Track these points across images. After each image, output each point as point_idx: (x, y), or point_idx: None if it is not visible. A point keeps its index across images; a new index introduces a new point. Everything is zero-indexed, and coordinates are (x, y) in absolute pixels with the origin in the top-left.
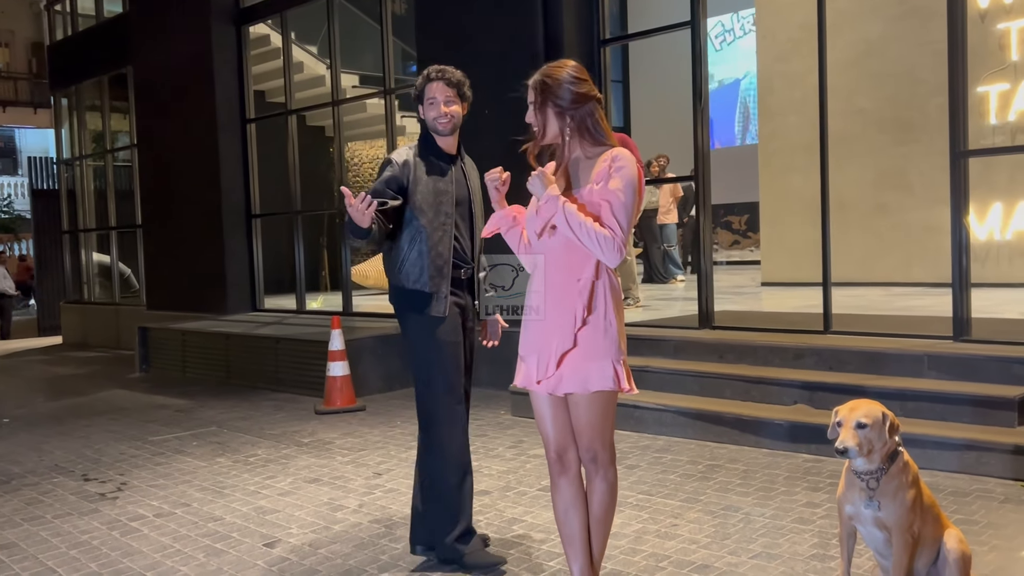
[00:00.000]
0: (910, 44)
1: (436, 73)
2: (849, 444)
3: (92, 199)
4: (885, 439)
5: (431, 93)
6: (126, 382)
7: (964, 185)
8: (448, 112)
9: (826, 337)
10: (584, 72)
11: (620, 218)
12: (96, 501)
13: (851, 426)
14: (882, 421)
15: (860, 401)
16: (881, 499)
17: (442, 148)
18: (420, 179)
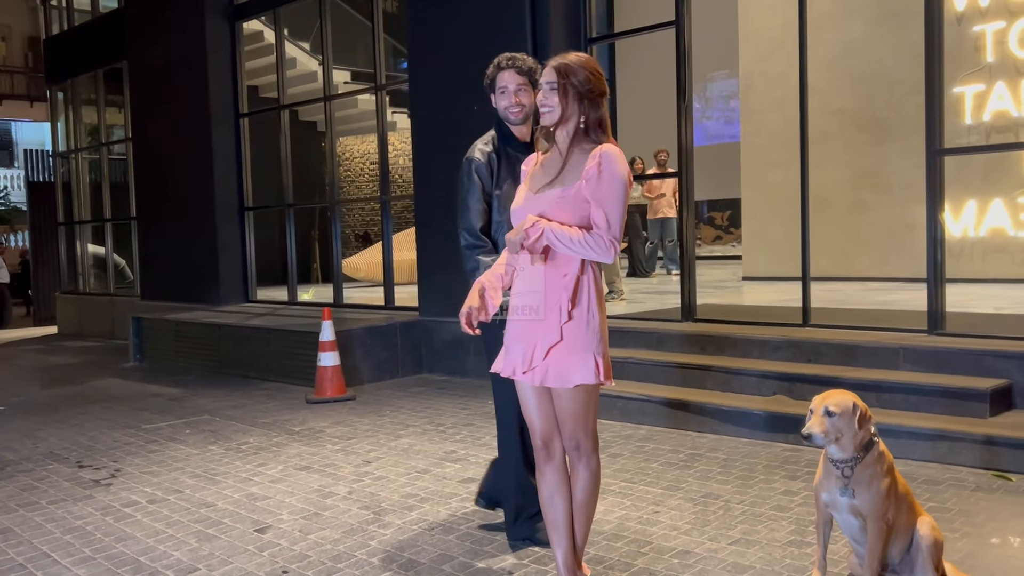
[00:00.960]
0: (888, 45)
1: (507, 61)
2: (814, 431)
3: (87, 192)
4: (855, 429)
5: (502, 82)
6: (120, 371)
7: (940, 183)
8: (519, 101)
9: (804, 330)
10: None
11: (611, 215)
12: (90, 487)
13: (820, 413)
14: (852, 411)
15: (835, 391)
16: (856, 487)
17: (517, 138)
18: (502, 175)
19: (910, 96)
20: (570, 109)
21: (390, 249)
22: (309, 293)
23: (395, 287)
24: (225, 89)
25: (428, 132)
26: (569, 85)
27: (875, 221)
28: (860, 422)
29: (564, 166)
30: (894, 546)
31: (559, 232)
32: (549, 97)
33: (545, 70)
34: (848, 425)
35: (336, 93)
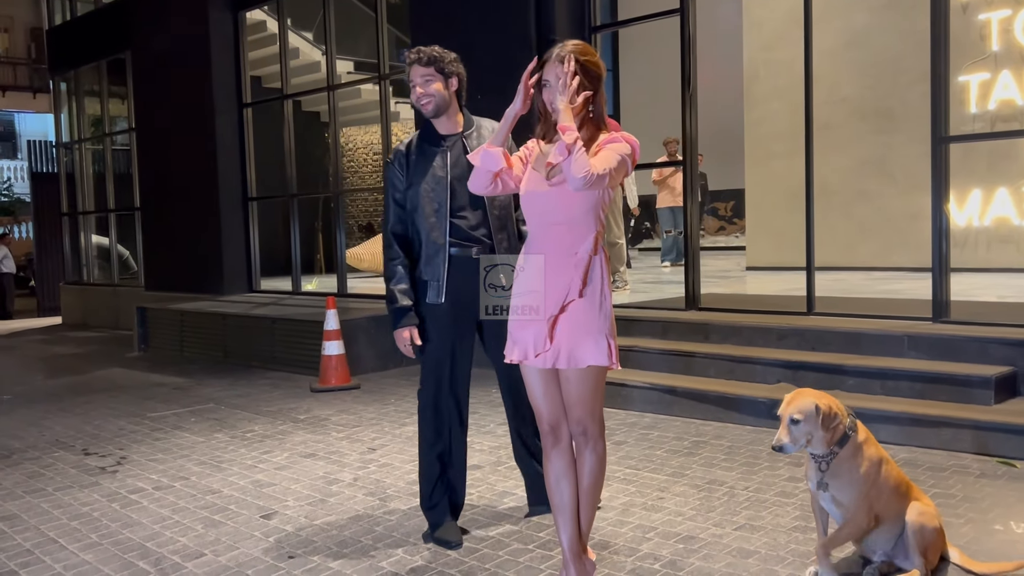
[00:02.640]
0: (893, 34)
1: (412, 56)
2: (783, 441)
3: (91, 182)
4: (821, 430)
5: (410, 77)
6: (125, 361)
7: (945, 171)
8: (425, 92)
9: (809, 318)
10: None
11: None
12: (96, 474)
13: (785, 423)
14: (815, 413)
15: (797, 394)
16: (832, 480)
17: (438, 130)
18: (415, 171)
19: (915, 85)
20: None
21: None
22: (313, 283)
23: None
24: (228, 79)
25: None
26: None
27: (879, 210)
28: (824, 423)
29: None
30: (885, 533)
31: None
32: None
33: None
34: (815, 428)
35: (339, 83)
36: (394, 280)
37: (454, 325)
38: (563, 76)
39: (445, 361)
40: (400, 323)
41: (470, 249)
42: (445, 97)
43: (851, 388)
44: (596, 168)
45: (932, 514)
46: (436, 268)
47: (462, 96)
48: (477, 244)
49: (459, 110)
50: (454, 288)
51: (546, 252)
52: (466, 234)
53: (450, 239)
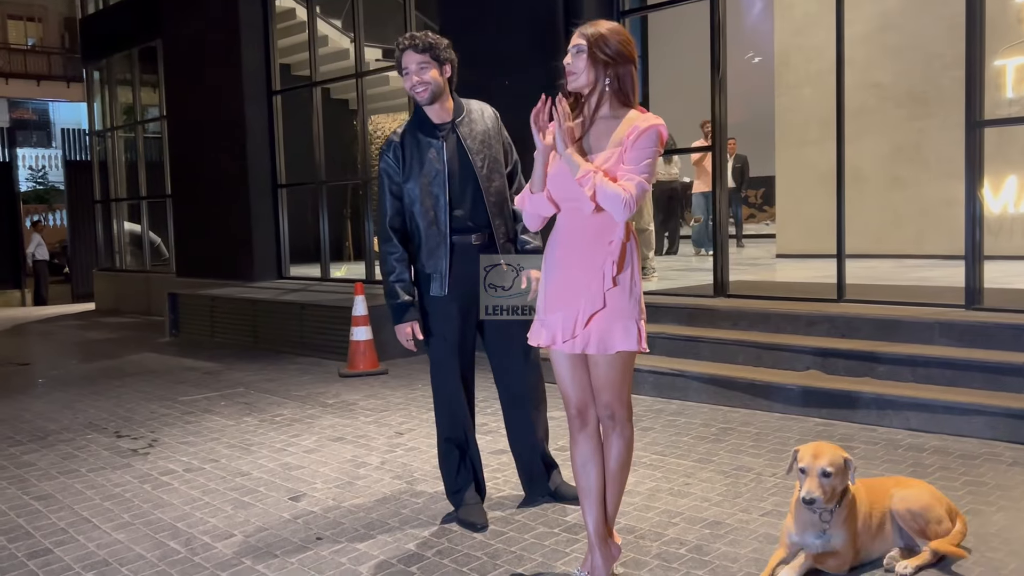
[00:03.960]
0: (927, 18)
1: (405, 42)
2: (815, 495)
3: (123, 170)
4: (848, 483)
5: (404, 64)
6: (156, 346)
7: (979, 156)
8: (421, 80)
9: (839, 305)
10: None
11: (640, 178)
12: (128, 456)
13: (816, 475)
14: (844, 467)
15: (821, 446)
16: (832, 531)
17: (431, 119)
18: (410, 163)
19: (948, 70)
20: (596, 75)
21: None
22: (342, 270)
23: None
24: (258, 67)
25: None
26: (598, 51)
27: (912, 197)
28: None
29: (588, 132)
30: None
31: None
32: (576, 61)
33: (574, 36)
34: (842, 481)
35: (368, 70)
36: (394, 275)
37: (459, 315)
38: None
39: (453, 352)
40: (403, 318)
41: (469, 237)
42: (440, 84)
43: (882, 375)
44: (630, 190)
45: (915, 496)
46: (438, 261)
47: (453, 82)
48: (475, 232)
49: (450, 96)
50: (456, 279)
51: (578, 240)
52: (464, 224)
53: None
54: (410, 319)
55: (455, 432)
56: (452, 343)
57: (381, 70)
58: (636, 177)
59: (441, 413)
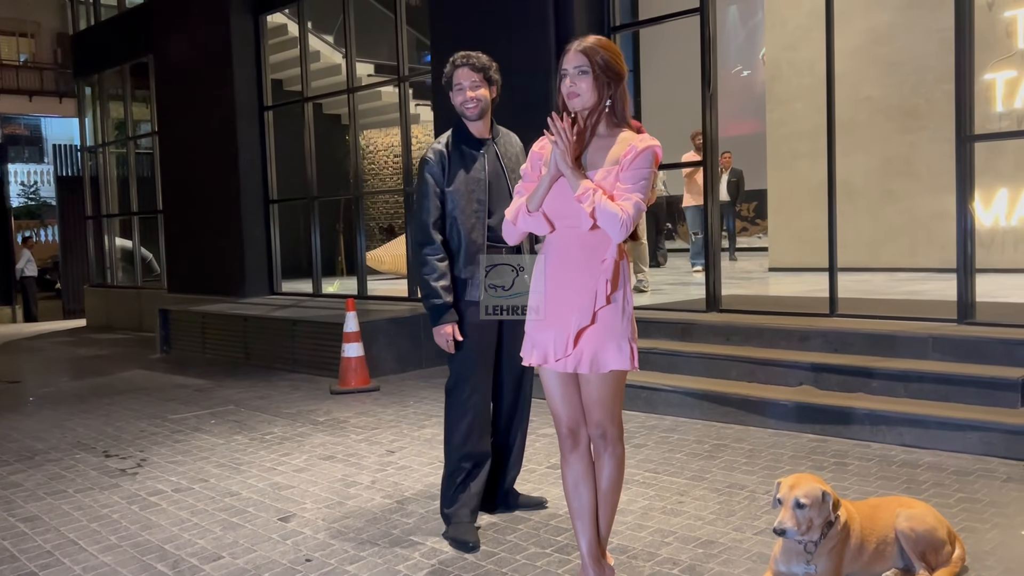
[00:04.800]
0: (918, 32)
1: (461, 59)
2: (787, 525)
3: (115, 185)
4: (827, 514)
5: (458, 79)
6: (147, 363)
7: (970, 170)
8: (474, 96)
9: (832, 320)
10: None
11: (637, 198)
12: (116, 476)
13: (790, 506)
14: (821, 499)
15: (800, 478)
16: (817, 561)
17: (473, 133)
18: (455, 171)
19: (940, 83)
20: (600, 95)
21: None
22: (334, 286)
23: None
24: (249, 82)
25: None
26: (601, 72)
27: (904, 211)
28: (833, 508)
29: (587, 150)
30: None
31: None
32: (579, 82)
33: (570, 55)
34: (819, 513)
35: (359, 86)
36: (435, 276)
37: (490, 323)
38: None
39: (479, 359)
40: (443, 319)
41: (500, 248)
42: (487, 102)
43: (875, 391)
44: (628, 210)
45: (920, 516)
46: (478, 267)
47: (495, 103)
48: (505, 244)
49: (491, 115)
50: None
51: (572, 257)
52: (497, 235)
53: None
54: (450, 320)
55: (478, 447)
56: (482, 350)
57: (373, 85)
58: (633, 197)
59: (460, 426)
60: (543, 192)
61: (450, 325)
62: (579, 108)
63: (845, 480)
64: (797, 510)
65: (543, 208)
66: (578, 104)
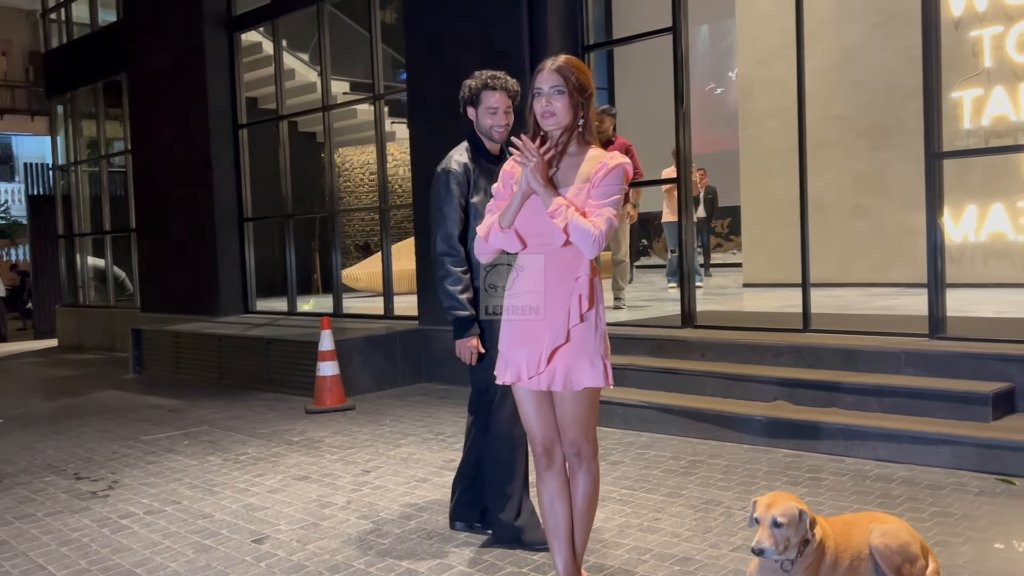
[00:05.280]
0: (887, 51)
1: (496, 82)
2: (765, 545)
3: (87, 204)
4: (804, 532)
5: (492, 102)
6: (120, 383)
7: (939, 186)
8: (507, 124)
9: (805, 335)
10: None
11: (608, 214)
12: (87, 499)
13: (767, 525)
14: (798, 518)
15: (777, 496)
16: None
17: (491, 151)
18: (478, 184)
19: (909, 101)
20: (575, 115)
21: (389, 259)
22: (309, 304)
23: (395, 297)
24: (224, 100)
25: (426, 141)
26: (576, 92)
27: (875, 227)
28: (810, 526)
29: (559, 168)
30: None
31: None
32: (554, 101)
33: (544, 74)
34: (796, 532)
35: (334, 103)
36: (461, 287)
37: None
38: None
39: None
40: (467, 332)
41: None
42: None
43: (848, 405)
44: (600, 225)
45: (893, 531)
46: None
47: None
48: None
49: None
50: None
51: (546, 275)
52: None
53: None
54: (474, 333)
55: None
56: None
57: (348, 103)
58: (605, 212)
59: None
60: (515, 208)
61: (475, 338)
62: (553, 127)
63: (820, 496)
64: (775, 529)
65: (515, 225)
66: (552, 123)
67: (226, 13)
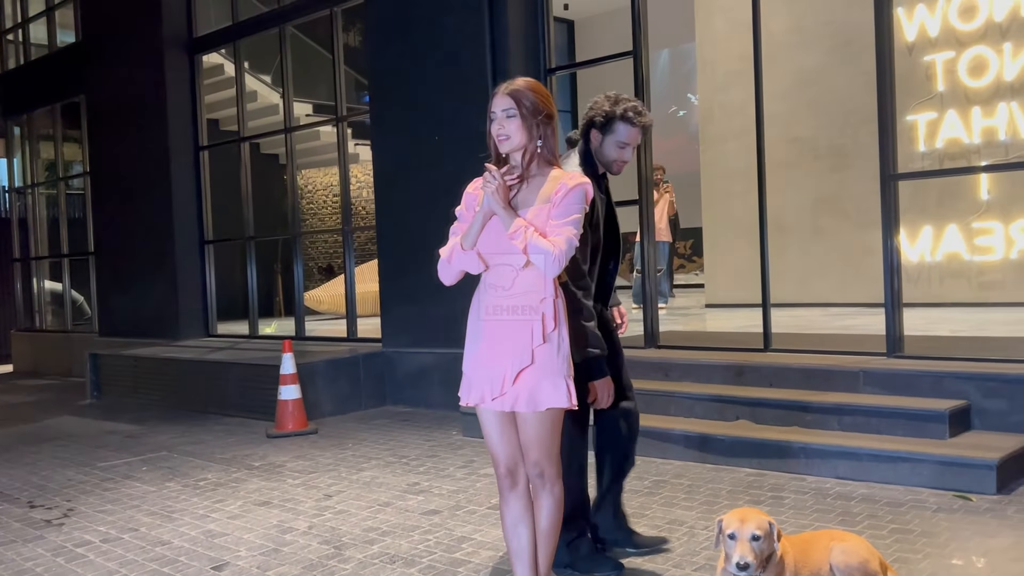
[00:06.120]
0: (843, 75)
1: (638, 118)
2: (749, 559)
3: (44, 227)
4: (772, 545)
5: (625, 136)
6: (76, 409)
7: (894, 207)
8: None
9: (766, 355)
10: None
11: (569, 234)
12: (41, 528)
13: (746, 539)
14: (770, 530)
15: (746, 511)
16: None
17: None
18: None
19: (865, 124)
20: (529, 136)
21: (352, 281)
22: (271, 327)
23: (359, 319)
24: (184, 122)
25: (390, 163)
26: (529, 113)
27: (834, 247)
28: (778, 538)
29: (521, 191)
30: None
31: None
32: (506, 125)
33: (497, 98)
34: (769, 545)
35: (297, 125)
36: (595, 321)
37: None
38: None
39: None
40: (605, 370)
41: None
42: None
43: (809, 424)
44: (560, 245)
45: (853, 549)
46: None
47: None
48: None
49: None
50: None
51: (508, 296)
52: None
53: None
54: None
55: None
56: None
57: (311, 125)
58: (565, 232)
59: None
60: (477, 229)
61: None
62: (508, 150)
63: (782, 514)
64: (754, 543)
65: (478, 247)
66: (507, 146)
67: (187, 35)
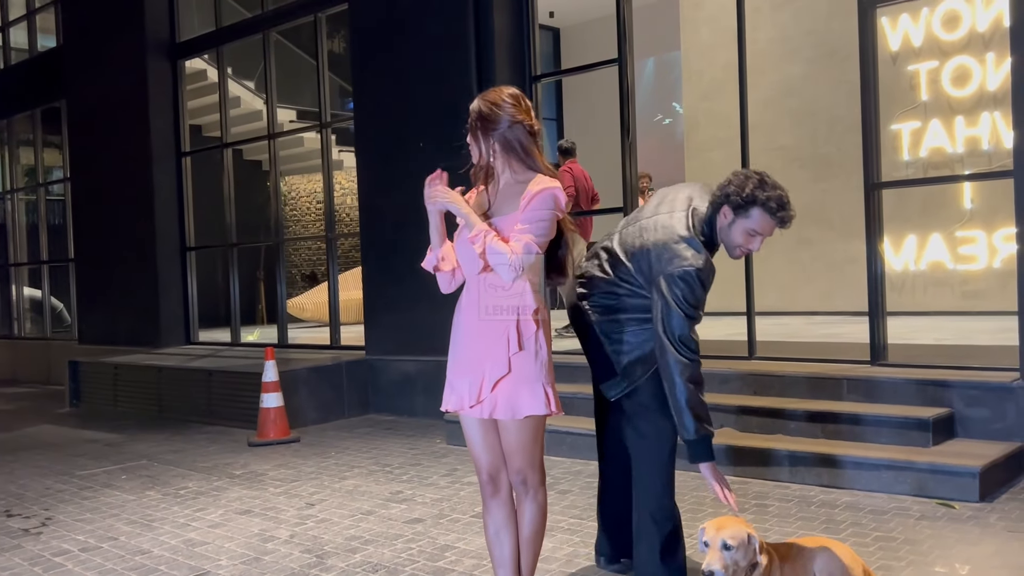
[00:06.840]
0: (828, 84)
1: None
2: (715, 567)
3: (24, 233)
4: (753, 556)
5: (759, 226)
6: (55, 417)
7: (878, 216)
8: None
9: (750, 363)
10: (520, 100)
11: (528, 239)
12: (19, 537)
13: (718, 547)
14: (747, 541)
15: (726, 520)
16: None
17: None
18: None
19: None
20: (484, 145)
21: (336, 288)
22: (254, 334)
23: (342, 327)
24: (166, 128)
25: (374, 170)
26: (476, 123)
27: (818, 256)
28: (760, 550)
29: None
30: None
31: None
32: (470, 136)
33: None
34: (744, 555)
35: (280, 131)
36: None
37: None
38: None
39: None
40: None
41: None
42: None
43: (793, 432)
44: (517, 250)
45: (837, 556)
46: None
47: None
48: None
49: None
50: None
51: (485, 305)
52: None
53: None
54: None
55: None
56: None
57: (294, 131)
58: (524, 237)
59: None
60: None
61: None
62: (475, 161)
63: (766, 521)
64: (724, 552)
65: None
66: (474, 157)
67: (170, 40)
